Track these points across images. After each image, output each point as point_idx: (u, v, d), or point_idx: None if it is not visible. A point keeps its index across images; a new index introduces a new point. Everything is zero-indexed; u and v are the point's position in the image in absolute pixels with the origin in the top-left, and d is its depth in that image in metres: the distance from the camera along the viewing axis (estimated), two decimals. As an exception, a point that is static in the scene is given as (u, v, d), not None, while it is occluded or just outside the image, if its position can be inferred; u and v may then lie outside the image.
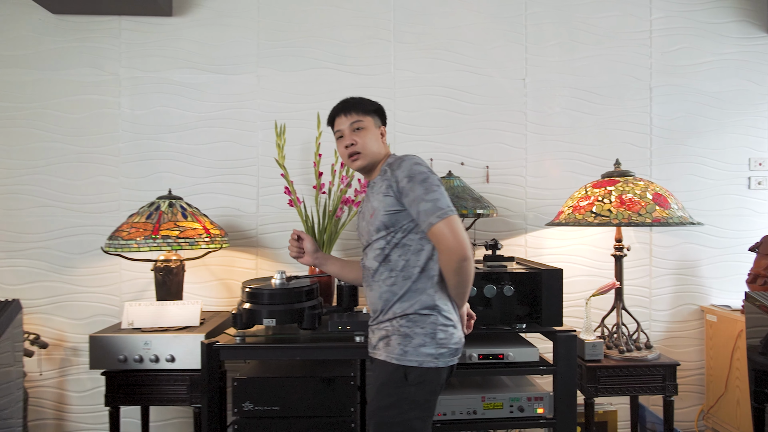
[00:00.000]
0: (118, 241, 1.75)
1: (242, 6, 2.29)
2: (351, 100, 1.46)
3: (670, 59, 2.39)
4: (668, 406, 1.84)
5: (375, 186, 1.40)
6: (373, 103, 1.48)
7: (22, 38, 2.25)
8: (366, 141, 1.40)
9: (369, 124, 1.43)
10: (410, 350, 1.26)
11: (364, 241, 1.42)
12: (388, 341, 1.30)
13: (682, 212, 1.81)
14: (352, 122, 1.41)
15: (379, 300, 1.34)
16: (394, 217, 1.32)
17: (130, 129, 2.26)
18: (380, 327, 1.35)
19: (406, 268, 1.31)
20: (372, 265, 1.36)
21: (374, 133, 1.43)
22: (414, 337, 1.27)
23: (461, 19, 2.34)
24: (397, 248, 1.32)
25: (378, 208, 1.34)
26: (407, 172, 1.29)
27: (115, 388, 1.75)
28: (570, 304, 2.28)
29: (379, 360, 1.32)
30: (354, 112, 1.42)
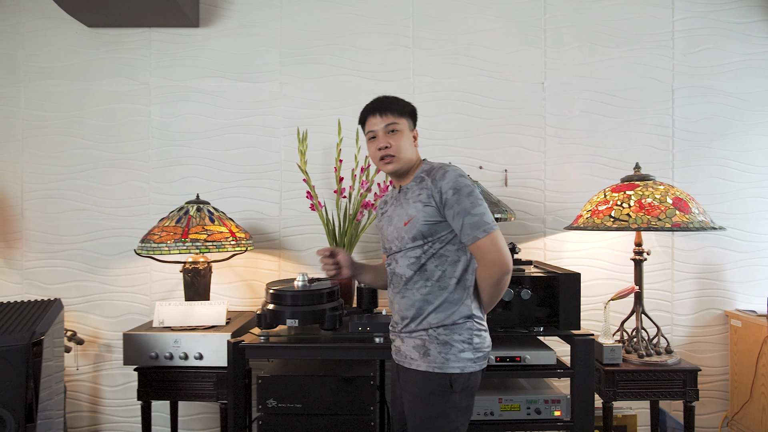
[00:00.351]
0: (150, 244, 1.84)
1: (265, 16, 2.36)
2: (386, 100, 1.40)
3: (693, 60, 2.36)
4: (689, 412, 1.83)
5: (409, 192, 1.37)
6: (408, 104, 1.42)
7: (59, 51, 2.38)
8: (401, 144, 1.36)
9: (404, 126, 1.38)
10: (452, 357, 1.27)
11: (394, 247, 1.38)
12: (426, 351, 1.29)
13: (703, 217, 1.79)
14: (388, 124, 1.37)
15: (411, 308, 1.33)
16: (434, 227, 1.31)
17: (159, 136, 2.37)
18: (412, 336, 1.33)
19: (442, 278, 1.31)
20: (405, 273, 1.34)
21: (408, 137, 1.39)
22: (453, 344, 1.28)
23: (479, 25, 2.36)
24: (433, 258, 1.31)
25: (416, 216, 1.31)
26: (453, 184, 1.28)
27: (147, 383, 1.84)
28: (589, 308, 2.28)
29: (417, 371, 1.30)
30: (390, 112, 1.37)
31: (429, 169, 1.36)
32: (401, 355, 1.36)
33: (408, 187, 1.39)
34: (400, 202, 1.39)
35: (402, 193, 1.40)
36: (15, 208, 2.36)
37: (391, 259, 1.41)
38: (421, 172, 1.38)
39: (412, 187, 1.37)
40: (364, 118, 1.43)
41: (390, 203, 1.46)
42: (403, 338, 1.36)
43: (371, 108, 1.40)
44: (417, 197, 1.33)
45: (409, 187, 1.39)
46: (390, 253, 1.42)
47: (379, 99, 1.42)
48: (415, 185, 1.36)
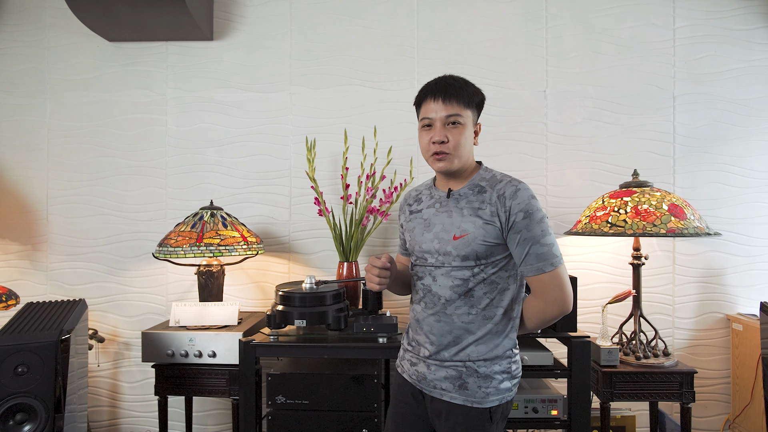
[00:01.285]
0: (167, 248, 1.95)
1: (276, 30, 2.47)
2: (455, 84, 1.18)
3: (694, 67, 2.40)
4: (686, 413, 1.87)
5: (463, 200, 1.20)
6: (478, 92, 1.22)
7: (82, 64, 2.51)
8: (460, 141, 1.17)
9: (468, 120, 1.18)
10: (492, 390, 1.16)
11: (432, 260, 1.21)
12: (462, 383, 1.17)
13: (698, 222, 1.84)
14: (450, 114, 1.16)
15: (448, 335, 1.18)
16: (491, 249, 1.15)
17: (175, 144, 2.48)
18: (444, 365, 1.19)
19: (489, 307, 1.17)
20: (446, 294, 1.18)
21: (470, 133, 1.20)
22: (494, 377, 1.17)
23: (482, 35, 2.43)
24: (483, 284, 1.17)
25: (473, 233, 1.15)
26: (525, 206, 1.12)
27: (163, 379, 1.95)
28: (589, 311, 2.33)
29: (451, 403, 1.18)
30: (455, 100, 1.16)
31: (491, 180, 1.19)
32: (427, 383, 1.21)
33: (461, 194, 1.21)
34: (449, 208, 1.21)
35: (453, 199, 1.21)
36: (40, 213, 2.50)
37: (423, 272, 1.24)
38: (479, 180, 1.21)
39: (467, 195, 1.20)
40: (421, 100, 1.22)
41: (428, 204, 1.27)
42: (429, 365, 1.21)
43: (433, 89, 1.18)
44: (475, 210, 1.16)
45: (462, 193, 1.21)
46: (423, 263, 1.24)
47: (445, 80, 1.19)
48: (472, 194, 1.19)
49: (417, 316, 1.26)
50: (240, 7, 2.47)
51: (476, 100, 1.21)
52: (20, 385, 1.40)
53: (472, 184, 1.21)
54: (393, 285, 1.37)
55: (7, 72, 2.51)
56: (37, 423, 1.38)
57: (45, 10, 2.50)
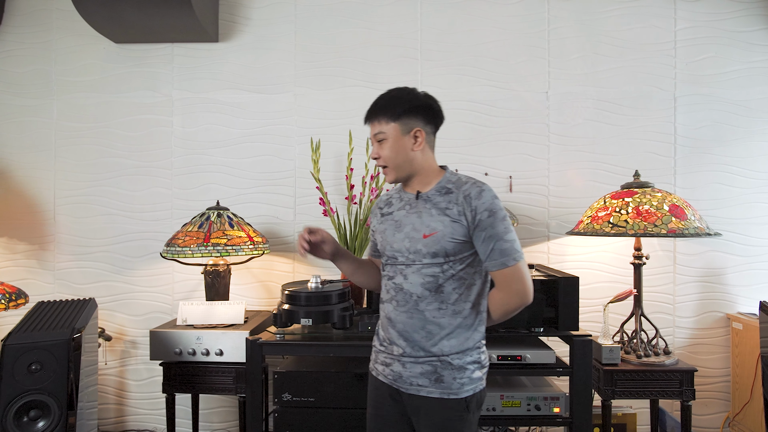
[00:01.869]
0: (175, 248, 1.98)
1: (281, 31, 2.49)
2: (378, 103, 1.28)
3: (695, 69, 2.42)
4: (686, 411, 1.90)
5: (430, 201, 1.27)
6: (405, 100, 1.27)
7: (88, 66, 2.53)
8: (388, 154, 1.27)
9: (393, 133, 1.26)
10: (466, 381, 1.23)
11: (402, 259, 1.27)
12: (437, 377, 1.23)
13: (699, 223, 1.86)
14: (376, 133, 1.28)
15: (421, 330, 1.24)
16: (459, 246, 1.22)
17: (181, 145, 2.51)
18: (419, 361, 1.24)
19: (458, 302, 1.23)
20: (416, 291, 1.24)
21: (401, 143, 1.26)
22: (467, 368, 1.24)
23: (485, 36, 2.46)
24: (452, 280, 1.23)
25: (442, 231, 1.22)
26: (489, 205, 1.21)
27: (171, 377, 1.98)
28: (591, 310, 2.35)
29: (429, 398, 1.23)
30: (377, 119, 1.27)
31: (457, 181, 1.27)
32: (403, 382, 1.26)
33: (429, 196, 1.28)
34: (418, 210, 1.27)
35: (421, 201, 1.28)
36: (48, 213, 2.53)
37: (394, 272, 1.30)
38: (446, 182, 1.28)
39: (435, 197, 1.27)
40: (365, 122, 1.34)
41: (398, 206, 1.33)
42: (404, 363, 1.26)
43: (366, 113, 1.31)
44: (443, 210, 1.23)
45: (430, 195, 1.28)
46: (393, 263, 1.30)
47: (374, 101, 1.29)
48: (439, 195, 1.26)
49: (389, 314, 1.30)
50: (245, 9, 2.50)
51: (401, 110, 1.26)
52: (34, 382, 1.43)
53: (440, 186, 1.29)
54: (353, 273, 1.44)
55: (15, 74, 2.54)
56: (51, 419, 1.41)
57: (52, 12, 2.53)
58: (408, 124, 1.27)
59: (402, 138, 1.27)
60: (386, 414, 1.32)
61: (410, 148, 1.27)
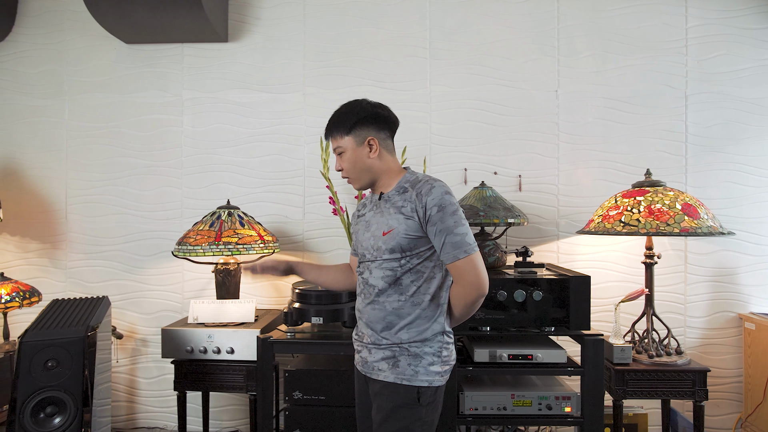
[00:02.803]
0: (186, 247, 1.99)
1: (290, 31, 2.50)
2: (332, 119, 1.37)
3: (707, 67, 2.40)
4: (698, 411, 1.88)
5: (390, 201, 1.33)
6: (353, 113, 1.34)
7: (100, 66, 2.56)
8: (348, 166, 1.35)
9: (348, 145, 1.33)
10: (421, 370, 1.26)
11: (369, 255, 1.35)
12: (395, 362, 1.28)
13: (712, 222, 1.85)
14: (335, 148, 1.36)
15: (382, 321, 1.31)
16: (414, 241, 1.28)
17: (191, 144, 2.52)
18: (381, 347, 1.31)
19: (416, 294, 1.29)
20: (378, 284, 1.31)
21: (357, 153, 1.33)
22: (423, 357, 1.27)
23: (494, 35, 2.45)
24: (409, 273, 1.29)
25: (397, 228, 1.28)
26: (439, 201, 1.26)
27: (182, 375, 1.99)
28: (601, 309, 2.34)
29: (384, 382, 1.29)
30: (332, 135, 1.36)
31: (414, 181, 1.33)
32: (368, 367, 1.34)
33: (389, 196, 1.35)
34: (381, 209, 1.35)
35: (383, 201, 1.36)
36: (60, 212, 2.55)
37: (363, 268, 1.38)
38: (404, 182, 1.34)
39: (394, 197, 1.33)
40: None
41: (369, 208, 1.42)
42: (371, 350, 1.33)
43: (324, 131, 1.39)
44: (399, 208, 1.30)
45: (390, 195, 1.35)
46: (363, 260, 1.38)
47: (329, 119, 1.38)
48: (397, 195, 1.33)
49: (358, 306, 1.40)
50: (254, 10, 2.51)
51: (351, 123, 1.33)
52: (50, 378, 1.45)
53: (398, 186, 1.35)
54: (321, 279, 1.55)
55: (28, 74, 2.57)
56: (67, 416, 1.43)
57: (64, 13, 2.55)
58: (360, 135, 1.33)
59: (357, 149, 1.34)
60: (362, 402, 1.41)
61: (367, 156, 1.34)
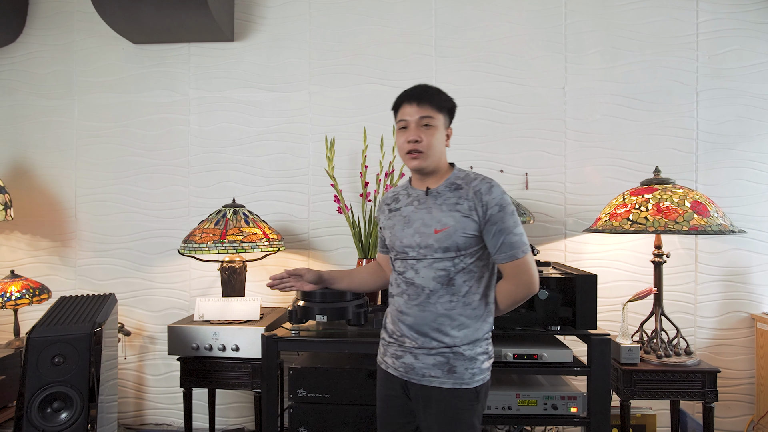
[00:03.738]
0: (192, 245, 2.00)
1: (296, 30, 2.50)
2: (428, 90, 1.29)
3: (718, 62, 2.36)
4: (708, 413, 1.85)
5: (441, 197, 1.29)
6: (449, 99, 1.32)
7: (108, 66, 2.58)
8: (432, 141, 1.27)
9: (440, 122, 1.28)
10: (476, 371, 1.27)
11: (413, 253, 1.29)
12: (450, 368, 1.25)
13: (722, 220, 1.81)
14: (423, 116, 1.26)
15: (433, 323, 1.26)
16: (469, 240, 1.25)
17: (198, 143, 2.54)
18: (431, 352, 1.27)
19: (468, 294, 1.26)
20: (429, 285, 1.26)
21: (442, 134, 1.30)
22: (477, 358, 1.27)
23: (501, 32, 2.43)
24: (462, 273, 1.26)
25: (453, 226, 1.25)
26: (500, 200, 1.25)
27: (188, 372, 2.00)
28: (609, 309, 2.31)
29: (441, 388, 1.26)
30: (428, 104, 1.27)
31: (465, 177, 1.30)
32: (415, 373, 1.28)
33: (439, 192, 1.30)
34: (428, 205, 1.30)
35: (431, 197, 1.31)
36: (69, 211, 2.59)
37: (405, 266, 1.31)
38: (455, 179, 1.31)
39: (445, 193, 1.29)
40: (398, 104, 1.31)
41: (406, 202, 1.35)
42: (416, 355, 1.28)
43: (409, 95, 1.29)
44: (454, 206, 1.26)
45: (440, 191, 1.30)
46: (404, 258, 1.32)
47: (419, 87, 1.29)
48: (449, 191, 1.29)
49: (400, 308, 1.32)
50: (260, 9, 2.52)
51: (447, 107, 1.32)
52: (57, 374, 1.47)
53: (449, 183, 1.31)
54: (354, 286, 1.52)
55: (38, 75, 2.60)
56: (73, 411, 1.45)
57: (73, 14, 2.58)
58: (448, 120, 1.33)
59: (443, 131, 1.31)
60: (395, 405, 1.35)
61: (444, 142, 1.32)
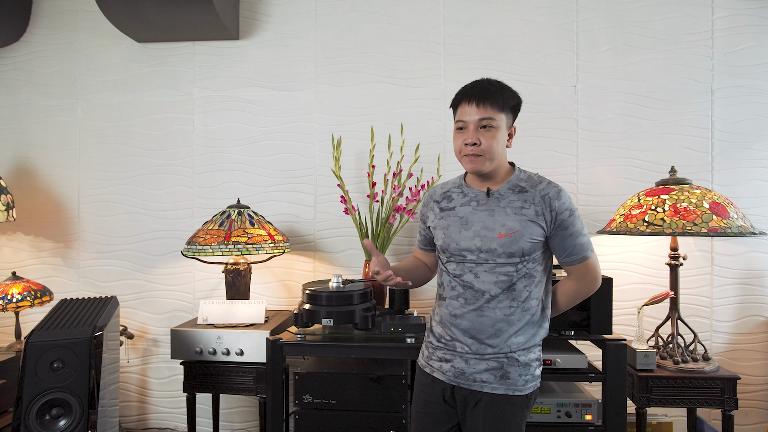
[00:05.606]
0: (196, 246, 1.96)
1: (301, 27, 2.46)
2: (490, 88, 1.23)
3: (734, 59, 2.30)
4: (728, 421, 1.79)
5: (504, 200, 1.24)
6: (513, 95, 1.26)
7: (112, 65, 2.55)
8: (493, 144, 1.21)
9: (501, 123, 1.22)
10: (530, 378, 1.25)
11: (472, 257, 1.24)
12: (503, 373, 1.23)
13: (742, 221, 1.75)
14: (483, 118, 1.21)
15: (491, 328, 1.23)
16: (535, 245, 1.22)
17: (202, 143, 2.50)
18: (485, 357, 1.23)
19: (528, 299, 1.24)
20: (490, 290, 1.23)
21: (503, 136, 1.24)
22: (531, 365, 1.25)
23: (510, 30, 2.38)
24: (524, 278, 1.23)
25: (520, 231, 1.20)
26: (569, 205, 1.23)
27: (192, 376, 1.96)
28: (623, 312, 2.25)
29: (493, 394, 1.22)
30: (489, 104, 1.21)
31: (529, 180, 1.26)
32: (465, 378, 1.25)
33: (502, 194, 1.25)
34: (490, 208, 1.24)
35: (493, 199, 1.25)
36: (72, 212, 2.55)
37: (462, 270, 1.26)
38: (518, 181, 1.26)
39: (508, 195, 1.24)
40: (457, 103, 1.27)
41: (461, 202, 1.29)
42: (467, 359, 1.24)
43: (468, 93, 1.23)
44: (519, 209, 1.22)
45: (503, 193, 1.25)
46: (461, 261, 1.26)
47: (481, 84, 1.24)
48: (513, 194, 1.24)
49: (454, 312, 1.28)
50: (265, 6, 2.48)
51: (511, 104, 1.26)
52: (56, 380, 1.43)
53: (512, 185, 1.27)
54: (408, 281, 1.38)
55: (41, 74, 2.58)
56: (72, 418, 1.41)
57: (77, 13, 2.56)
58: (511, 119, 1.28)
59: (504, 131, 1.26)
60: (435, 411, 1.31)
61: (505, 143, 1.27)
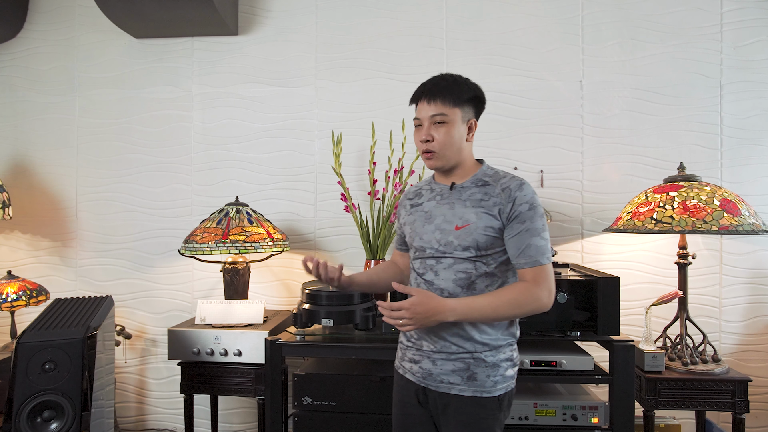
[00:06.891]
0: (193, 245, 1.92)
1: (301, 22, 2.42)
2: (441, 83, 1.21)
3: (743, 54, 2.24)
4: (738, 424, 1.74)
5: (466, 193, 1.23)
6: (470, 88, 1.23)
7: (110, 62, 2.52)
8: (445, 140, 1.20)
9: (455, 117, 1.20)
10: (499, 379, 1.20)
11: (431, 251, 1.23)
12: (470, 374, 1.19)
13: (753, 219, 1.70)
14: (434, 114, 1.20)
15: (453, 327, 1.19)
16: (491, 240, 1.18)
17: (201, 140, 2.47)
18: (451, 358, 1.20)
19: None
20: (449, 288, 1.20)
21: (458, 130, 1.21)
22: (500, 365, 1.20)
23: (514, 24, 2.33)
24: (484, 277, 1.19)
25: (475, 222, 1.17)
26: (530, 199, 1.17)
27: (189, 377, 1.93)
28: (629, 313, 2.20)
29: (460, 396, 1.19)
30: (441, 100, 1.19)
31: (494, 175, 1.24)
32: (433, 379, 1.22)
33: (464, 187, 1.24)
34: (451, 201, 1.23)
35: (455, 192, 1.24)
36: (70, 210, 2.52)
37: (424, 267, 1.25)
38: (482, 175, 1.24)
39: (470, 188, 1.23)
40: (413, 101, 1.27)
41: (428, 197, 1.29)
42: (434, 360, 1.22)
43: (421, 91, 1.23)
44: (478, 202, 1.19)
45: (465, 186, 1.24)
46: (422, 256, 1.26)
47: (433, 81, 1.23)
48: (475, 187, 1.22)
49: None
50: (265, 1, 2.44)
51: (466, 97, 1.22)
52: (48, 381, 1.39)
53: (476, 179, 1.25)
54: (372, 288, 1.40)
55: (38, 71, 2.55)
56: (65, 421, 1.37)
57: (74, 8, 2.52)
58: (467, 113, 1.24)
59: (460, 126, 1.22)
60: (412, 413, 1.28)
61: (464, 137, 1.24)
